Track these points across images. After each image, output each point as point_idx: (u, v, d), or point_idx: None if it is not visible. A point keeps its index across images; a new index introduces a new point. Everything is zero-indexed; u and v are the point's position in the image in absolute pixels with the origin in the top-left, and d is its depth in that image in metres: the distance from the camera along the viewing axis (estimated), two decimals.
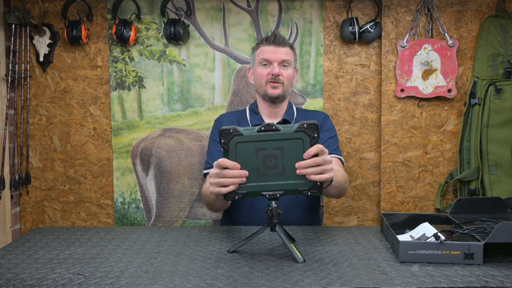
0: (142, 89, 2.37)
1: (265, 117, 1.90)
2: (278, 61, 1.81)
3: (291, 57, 1.84)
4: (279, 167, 1.27)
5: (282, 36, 1.86)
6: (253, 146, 1.27)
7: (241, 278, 1.18)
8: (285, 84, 1.83)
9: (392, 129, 2.31)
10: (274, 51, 1.82)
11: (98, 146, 2.39)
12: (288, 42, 1.86)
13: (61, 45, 2.36)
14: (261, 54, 1.84)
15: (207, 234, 1.64)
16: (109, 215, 2.41)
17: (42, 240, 1.57)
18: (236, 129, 1.26)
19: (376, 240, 1.53)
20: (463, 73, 2.28)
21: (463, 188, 2.28)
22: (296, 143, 1.27)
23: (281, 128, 1.26)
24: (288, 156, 1.27)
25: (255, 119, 1.90)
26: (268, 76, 1.81)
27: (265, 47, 1.83)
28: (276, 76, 1.80)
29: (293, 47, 1.90)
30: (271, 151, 1.27)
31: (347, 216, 2.39)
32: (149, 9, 2.34)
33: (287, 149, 1.27)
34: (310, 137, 1.26)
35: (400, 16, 2.28)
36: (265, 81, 1.83)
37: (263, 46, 1.85)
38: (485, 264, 1.27)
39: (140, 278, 1.20)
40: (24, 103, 2.36)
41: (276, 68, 1.80)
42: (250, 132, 1.27)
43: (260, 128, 1.26)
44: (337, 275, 1.20)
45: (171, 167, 2.38)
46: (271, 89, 1.82)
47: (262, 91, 1.85)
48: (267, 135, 1.26)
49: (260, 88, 1.86)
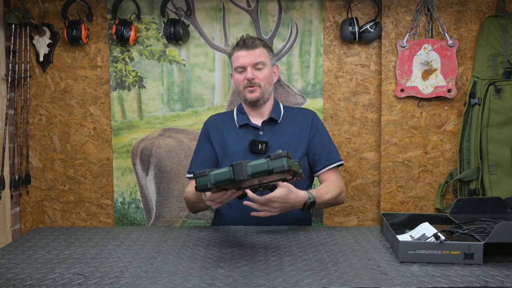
0: (142, 89, 2.37)
1: (251, 117, 1.93)
2: (251, 65, 1.84)
3: (264, 58, 1.86)
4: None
5: (252, 37, 1.88)
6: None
7: (241, 278, 1.18)
8: (262, 86, 1.86)
9: (392, 129, 2.31)
10: (246, 55, 1.85)
11: (98, 146, 2.39)
12: (259, 42, 1.88)
13: (61, 45, 2.36)
14: (236, 60, 1.88)
15: (207, 234, 1.64)
16: (109, 215, 2.41)
17: (42, 240, 1.57)
18: (209, 183, 1.30)
19: (376, 240, 1.53)
20: (463, 73, 2.28)
21: (463, 188, 2.28)
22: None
23: (251, 175, 1.28)
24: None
25: (241, 119, 1.94)
26: (244, 82, 1.86)
27: (238, 53, 1.87)
28: (250, 80, 1.83)
29: (266, 44, 1.91)
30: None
31: (347, 216, 2.39)
32: (149, 9, 2.34)
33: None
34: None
35: (400, 16, 2.28)
36: (243, 87, 1.87)
37: (235, 52, 1.88)
38: (485, 264, 1.27)
39: (140, 278, 1.21)
40: (24, 103, 2.36)
41: (249, 73, 1.83)
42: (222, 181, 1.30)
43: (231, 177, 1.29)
44: (337, 275, 1.20)
45: (171, 167, 2.38)
46: (248, 93, 1.87)
47: (242, 96, 1.90)
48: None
49: (239, 93, 1.92)
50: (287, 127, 1.92)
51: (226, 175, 1.28)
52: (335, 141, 2.34)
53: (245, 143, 1.86)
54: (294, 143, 1.88)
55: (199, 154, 1.93)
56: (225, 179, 1.28)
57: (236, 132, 1.92)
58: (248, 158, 1.78)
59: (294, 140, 1.89)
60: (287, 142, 1.88)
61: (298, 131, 1.91)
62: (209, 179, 1.29)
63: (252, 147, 1.83)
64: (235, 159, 1.78)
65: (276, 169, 1.25)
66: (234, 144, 1.88)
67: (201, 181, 1.30)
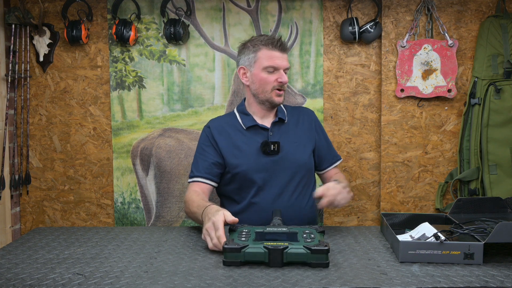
0: (142, 89, 2.37)
1: (257, 118, 1.86)
2: (284, 68, 1.79)
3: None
4: None
5: (284, 40, 1.86)
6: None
7: (241, 278, 1.18)
8: (285, 90, 1.85)
9: (392, 129, 2.31)
10: (281, 57, 1.78)
11: (98, 146, 2.39)
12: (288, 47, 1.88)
13: (61, 45, 2.36)
14: (269, 59, 1.77)
15: None
16: (109, 215, 2.41)
17: (42, 240, 1.57)
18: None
19: (376, 240, 1.53)
20: (463, 73, 2.28)
21: (463, 188, 2.28)
22: None
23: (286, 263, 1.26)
24: None
25: (247, 120, 1.86)
26: (275, 83, 1.78)
27: (273, 52, 1.77)
28: (284, 83, 1.79)
29: None
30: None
31: (347, 216, 2.39)
32: (149, 9, 2.34)
33: None
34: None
35: (400, 16, 2.28)
36: (271, 88, 1.79)
37: (268, 50, 1.78)
38: (485, 264, 1.27)
39: (140, 278, 1.20)
40: (24, 103, 2.36)
41: (285, 76, 1.78)
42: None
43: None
44: (337, 275, 1.20)
45: (171, 167, 2.38)
46: (276, 97, 1.80)
47: (266, 97, 1.81)
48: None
49: (263, 93, 1.81)
50: (294, 127, 1.90)
51: (261, 257, 1.25)
52: (335, 141, 2.35)
53: (255, 144, 1.82)
54: (301, 142, 1.87)
55: (202, 158, 1.84)
56: (259, 260, 1.26)
57: (244, 134, 1.85)
58: (261, 159, 1.80)
59: (302, 139, 1.88)
60: (296, 141, 1.86)
61: (304, 130, 1.90)
62: (241, 257, 1.25)
63: (265, 148, 1.79)
64: (248, 161, 1.80)
65: (315, 264, 1.24)
66: (245, 145, 1.83)
67: (232, 256, 1.25)
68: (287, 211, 1.76)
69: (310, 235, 1.34)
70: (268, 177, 1.80)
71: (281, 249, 1.24)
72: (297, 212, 1.81)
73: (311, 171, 1.90)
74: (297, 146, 1.85)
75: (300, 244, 1.26)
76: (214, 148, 1.84)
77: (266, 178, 1.80)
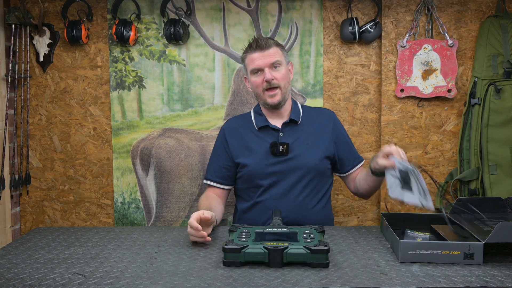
0: (142, 89, 2.37)
1: (269, 119, 1.87)
2: (268, 65, 1.77)
3: (279, 56, 1.80)
4: None
5: (264, 37, 1.83)
6: None
7: (241, 278, 1.18)
8: (282, 86, 1.79)
9: (392, 129, 2.31)
10: (261, 56, 1.78)
11: (98, 146, 2.39)
12: (272, 42, 1.82)
13: (61, 45, 2.36)
14: (251, 63, 1.81)
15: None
16: (109, 215, 2.41)
17: (42, 240, 1.57)
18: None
19: (376, 240, 1.53)
20: (463, 73, 2.28)
21: (463, 188, 2.28)
22: None
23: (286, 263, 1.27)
24: None
25: (260, 121, 1.88)
26: (263, 84, 1.79)
27: (252, 55, 1.79)
28: (270, 81, 1.77)
29: (279, 43, 1.85)
30: None
31: (347, 216, 2.39)
32: (149, 9, 2.34)
33: None
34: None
35: (400, 16, 2.28)
36: (262, 90, 1.80)
37: (249, 54, 1.81)
38: (485, 264, 1.27)
39: (140, 278, 1.20)
40: (24, 103, 2.36)
41: (268, 74, 1.76)
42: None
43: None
44: (337, 275, 1.20)
45: (171, 167, 2.38)
46: (269, 98, 1.80)
47: (261, 100, 1.84)
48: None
49: (259, 97, 1.84)
50: (308, 128, 1.87)
51: (261, 257, 1.26)
52: None
53: (265, 145, 1.82)
54: (315, 144, 1.85)
55: (215, 161, 1.90)
56: (259, 260, 1.26)
57: (256, 134, 1.86)
58: (269, 160, 1.80)
59: (315, 141, 1.85)
60: (308, 143, 1.84)
61: (319, 131, 1.87)
62: (241, 257, 1.26)
63: (274, 149, 1.79)
64: (257, 162, 1.81)
65: (315, 264, 1.24)
66: (255, 146, 1.84)
67: (231, 256, 1.26)
68: (293, 211, 1.77)
69: (310, 235, 1.34)
70: (275, 177, 1.80)
71: (281, 249, 1.24)
72: (304, 213, 1.80)
73: (323, 173, 1.85)
74: (309, 148, 1.83)
75: (300, 244, 1.26)
76: (225, 151, 1.88)
77: (273, 179, 1.80)
